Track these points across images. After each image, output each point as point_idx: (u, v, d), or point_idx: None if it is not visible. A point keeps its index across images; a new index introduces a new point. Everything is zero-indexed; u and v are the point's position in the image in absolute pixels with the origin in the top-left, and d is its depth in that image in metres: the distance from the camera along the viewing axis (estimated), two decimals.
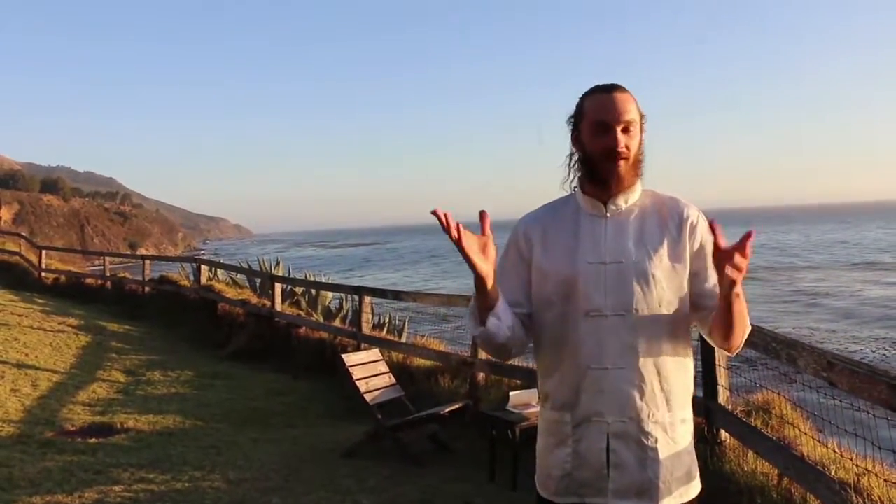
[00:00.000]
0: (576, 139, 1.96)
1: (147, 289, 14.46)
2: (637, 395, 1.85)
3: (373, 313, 10.89)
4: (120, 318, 13.03)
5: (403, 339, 9.07)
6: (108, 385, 8.29)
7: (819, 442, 3.87)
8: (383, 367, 6.17)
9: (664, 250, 1.89)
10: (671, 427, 1.89)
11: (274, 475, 5.20)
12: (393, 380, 6.14)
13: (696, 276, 1.92)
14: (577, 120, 1.96)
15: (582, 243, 1.92)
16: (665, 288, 1.87)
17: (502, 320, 1.87)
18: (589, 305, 1.87)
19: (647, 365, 1.86)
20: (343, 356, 5.96)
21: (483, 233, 1.77)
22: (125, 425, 6.47)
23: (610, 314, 1.85)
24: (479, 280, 1.79)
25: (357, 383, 5.69)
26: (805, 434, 3.93)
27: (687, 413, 1.95)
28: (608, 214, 1.93)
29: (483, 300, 1.84)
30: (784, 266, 42.82)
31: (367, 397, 5.67)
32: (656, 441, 1.86)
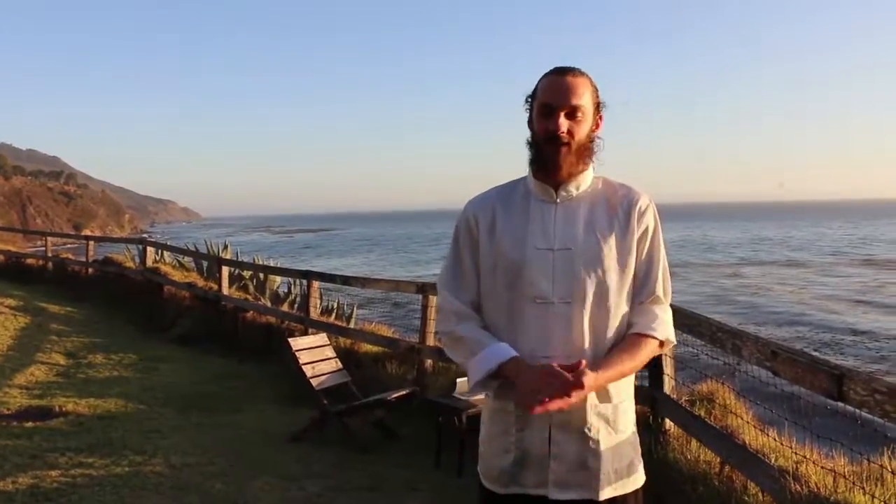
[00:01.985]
0: (530, 120, 1.93)
1: (90, 270, 14.12)
2: None
3: (321, 299, 10.81)
4: (61, 300, 12.70)
5: (352, 325, 9.01)
6: (48, 368, 8.08)
7: (760, 431, 3.94)
8: (330, 352, 6.11)
9: (613, 238, 1.87)
10: (613, 418, 1.88)
11: (218, 460, 5.11)
12: (340, 365, 6.08)
13: (635, 263, 1.91)
14: (532, 101, 1.92)
15: (531, 228, 1.89)
16: (613, 277, 1.85)
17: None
18: (535, 292, 1.84)
19: (592, 354, 1.83)
20: (289, 339, 5.89)
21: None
22: (64, 409, 6.29)
23: (557, 301, 1.83)
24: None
25: (303, 367, 5.62)
26: (747, 423, 4.00)
27: (629, 404, 1.94)
28: (558, 200, 1.91)
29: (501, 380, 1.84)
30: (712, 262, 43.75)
31: (313, 382, 5.60)
32: (598, 432, 1.85)
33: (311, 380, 5.61)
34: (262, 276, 12.17)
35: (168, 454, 5.16)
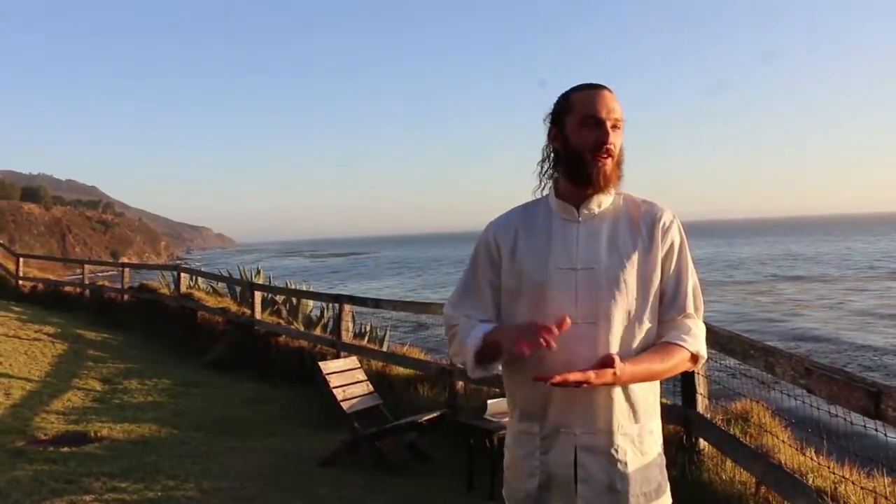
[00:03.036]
0: (555, 136, 1.91)
1: (126, 297, 14.30)
2: (606, 407, 1.79)
3: (354, 322, 10.83)
4: (98, 327, 12.86)
5: (384, 348, 9.00)
6: (84, 393, 8.16)
7: (797, 450, 3.86)
8: (361, 375, 6.11)
9: (636, 257, 1.84)
10: (639, 439, 1.84)
11: (249, 484, 5.12)
12: (371, 388, 6.08)
13: (662, 281, 1.87)
14: (561, 115, 1.90)
15: (553, 248, 1.87)
16: (637, 295, 1.82)
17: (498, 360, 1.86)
18: (558, 312, 1.78)
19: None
20: (320, 364, 5.89)
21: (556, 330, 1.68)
22: (99, 434, 6.36)
23: (580, 322, 1.79)
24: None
25: (334, 391, 5.62)
26: (783, 442, 3.92)
27: (655, 424, 1.90)
28: (580, 219, 1.88)
29: (496, 356, 1.83)
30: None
31: (345, 405, 5.60)
32: (625, 454, 1.81)
33: (341, 403, 5.61)
34: (294, 300, 12.25)
35: (200, 479, 5.18)
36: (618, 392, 1.80)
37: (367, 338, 10.52)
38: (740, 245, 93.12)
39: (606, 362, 1.66)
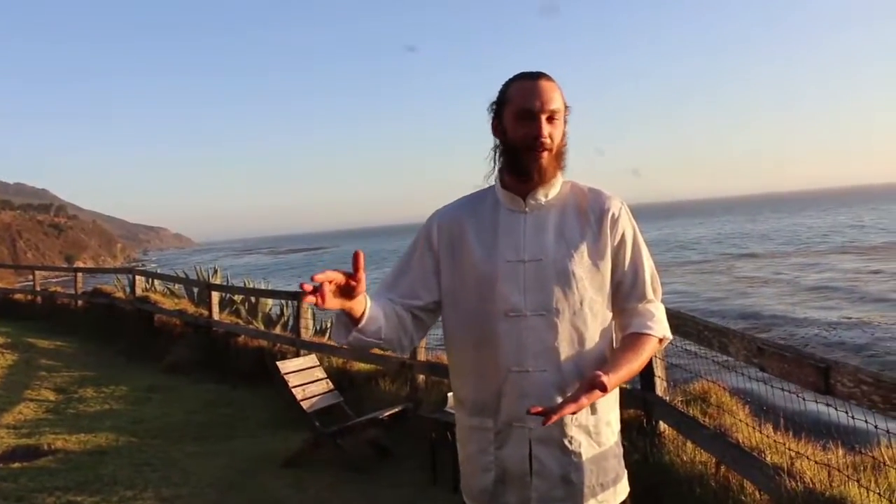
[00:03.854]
0: (496, 127, 1.87)
1: (80, 302, 14.01)
2: (559, 399, 1.74)
3: (314, 319, 10.72)
4: (51, 334, 12.59)
5: None
6: (36, 405, 7.96)
7: (755, 428, 3.90)
8: (320, 373, 6.04)
9: (585, 246, 1.81)
10: (595, 430, 1.82)
11: (210, 490, 5.04)
12: (331, 385, 6.01)
13: (613, 272, 1.85)
14: (500, 107, 1.86)
15: (500, 240, 1.83)
16: (587, 286, 1.80)
17: (370, 325, 1.72)
18: (507, 305, 1.78)
19: (569, 366, 1.77)
20: (278, 363, 5.81)
21: (356, 273, 1.60)
22: (53, 446, 6.19)
23: (530, 314, 1.77)
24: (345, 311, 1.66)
25: (293, 391, 5.54)
26: (742, 421, 3.95)
27: (613, 415, 1.89)
28: (527, 209, 1.85)
29: (349, 317, 1.69)
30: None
31: (305, 404, 5.53)
32: (580, 445, 1.79)
33: (301, 402, 5.54)
34: (253, 299, 12.10)
35: (159, 487, 5.09)
36: (575, 382, 1.77)
37: (328, 334, 10.41)
38: (694, 225, 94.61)
39: (595, 383, 1.61)
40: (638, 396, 4.23)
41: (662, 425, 4.16)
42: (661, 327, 1.85)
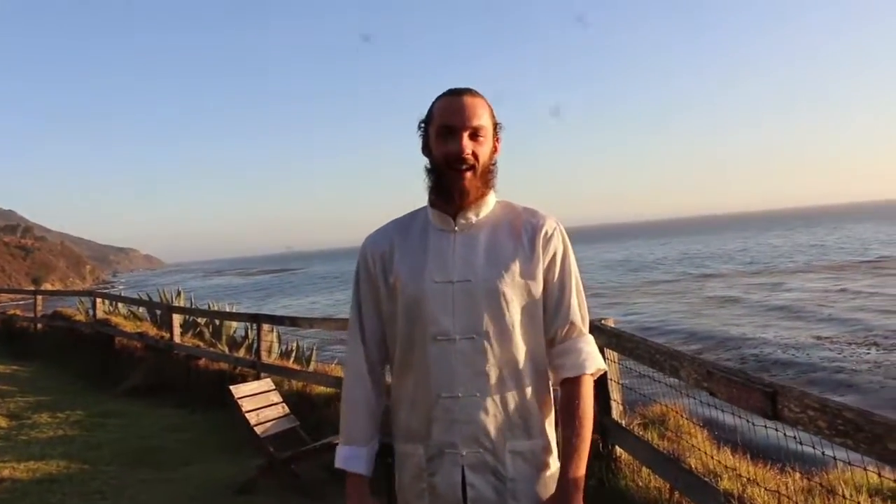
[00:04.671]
0: (425, 145, 1.82)
1: (39, 326, 13.73)
2: (491, 424, 1.71)
3: (279, 341, 10.58)
4: (7, 358, 12.33)
5: (311, 368, 8.80)
6: None
7: (711, 453, 3.87)
8: (276, 397, 5.92)
9: (516, 267, 1.75)
10: (533, 455, 1.76)
11: None
12: (286, 410, 5.89)
13: (544, 292, 1.80)
14: (427, 125, 1.82)
15: (429, 261, 1.77)
16: (518, 308, 1.74)
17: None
18: (436, 328, 1.72)
19: (501, 391, 1.72)
20: (231, 388, 5.68)
21: None
22: (0, 475, 5.99)
23: (459, 337, 1.71)
24: None
25: (247, 415, 5.42)
26: (697, 446, 3.91)
27: (550, 439, 1.82)
28: (457, 229, 1.79)
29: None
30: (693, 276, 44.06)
31: (259, 429, 5.41)
32: (515, 471, 1.73)
33: (255, 427, 5.41)
34: (217, 321, 11.94)
35: None
36: (508, 407, 1.73)
37: (292, 357, 10.29)
38: (658, 245, 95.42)
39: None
40: (594, 420, 4.17)
41: (618, 450, 4.11)
42: (593, 362, 1.80)
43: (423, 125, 1.84)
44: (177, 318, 10.28)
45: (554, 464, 1.81)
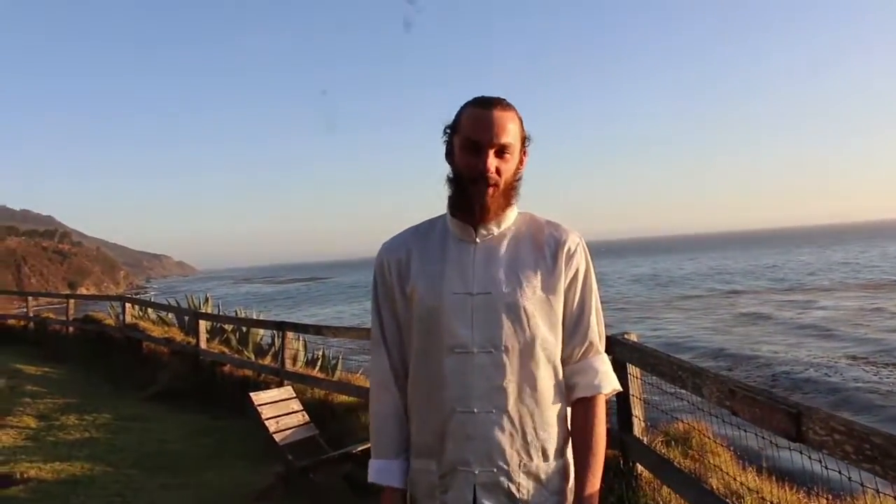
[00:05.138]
0: (448, 153, 1.77)
1: (71, 329, 13.91)
2: (507, 442, 1.66)
3: (306, 350, 10.59)
4: (39, 361, 12.48)
5: (336, 377, 8.80)
6: (17, 432, 7.81)
7: (734, 474, 3.77)
8: (296, 405, 5.90)
9: (538, 281, 1.70)
10: (547, 477, 1.70)
11: None
12: (307, 418, 5.87)
13: (564, 309, 1.74)
14: (453, 133, 1.75)
15: (448, 271, 1.72)
16: (538, 323, 1.69)
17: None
18: (454, 341, 1.67)
19: (518, 408, 1.66)
20: (251, 394, 5.68)
21: None
22: (26, 475, 6.04)
23: (477, 351, 1.66)
24: None
25: (266, 423, 5.42)
26: (720, 466, 3.82)
27: (568, 461, 1.76)
28: (478, 240, 1.74)
29: None
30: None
31: (277, 437, 5.39)
32: (528, 493, 1.67)
33: (274, 435, 5.41)
34: (244, 328, 11.99)
35: None
36: (524, 425, 1.68)
37: (318, 366, 10.29)
38: (686, 260, 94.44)
39: None
40: (615, 436, 4.09)
41: (639, 467, 4.02)
42: (608, 382, 1.76)
43: (448, 132, 1.78)
44: (203, 325, 10.35)
45: (567, 485, 1.76)
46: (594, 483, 1.69)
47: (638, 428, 4.06)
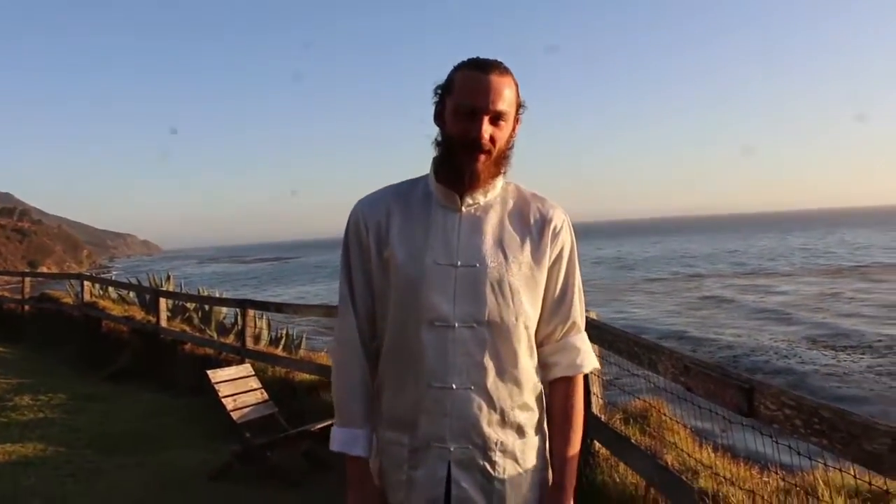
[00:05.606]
0: (438, 115, 1.68)
1: (26, 308, 13.63)
2: (484, 420, 1.62)
3: (269, 329, 10.52)
4: None
5: (300, 355, 8.74)
6: None
7: (695, 449, 3.81)
8: (255, 383, 5.83)
9: (524, 257, 1.65)
10: (523, 456, 1.67)
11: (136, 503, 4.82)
12: (265, 396, 5.81)
13: (546, 286, 1.70)
14: (444, 94, 1.66)
15: (430, 238, 1.65)
16: (523, 299, 1.64)
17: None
18: (433, 314, 1.61)
19: (498, 386, 1.62)
20: (209, 372, 5.60)
21: None
22: None
23: (458, 325, 1.60)
24: None
25: (224, 401, 5.35)
26: (677, 444, 3.84)
27: (541, 439, 1.72)
28: (463, 209, 1.66)
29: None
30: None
31: (235, 415, 5.33)
32: (504, 471, 1.64)
33: (232, 413, 5.34)
34: (207, 307, 11.86)
35: (80, 501, 4.86)
36: (503, 403, 1.64)
37: (281, 345, 10.22)
38: (651, 244, 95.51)
39: None
40: None
41: (597, 444, 4.03)
42: (589, 361, 1.75)
43: (439, 92, 1.68)
44: (164, 303, 10.20)
45: (543, 462, 1.73)
46: (571, 472, 1.69)
47: (596, 405, 4.07)
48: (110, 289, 13.69)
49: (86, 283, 12.50)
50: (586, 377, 4.06)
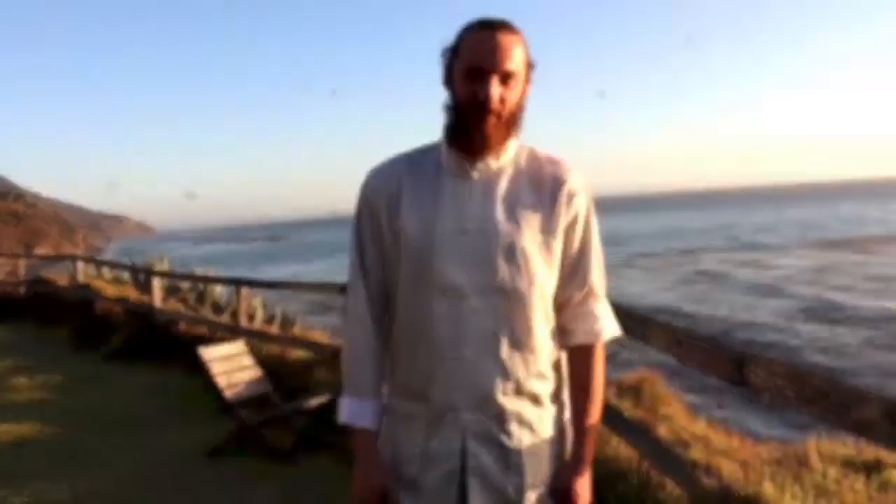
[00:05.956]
0: (448, 79, 1.63)
1: (21, 290, 13.60)
2: (499, 390, 1.58)
3: (264, 308, 10.52)
4: None
5: (295, 332, 8.75)
6: None
7: (688, 421, 3.81)
8: (248, 361, 5.81)
9: (537, 221, 1.60)
10: (540, 425, 1.63)
11: (128, 484, 4.84)
12: (260, 373, 5.79)
13: (563, 251, 1.65)
14: (452, 57, 1.61)
15: (441, 206, 1.61)
16: (537, 266, 1.59)
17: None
18: (445, 282, 1.57)
19: (512, 354, 1.58)
20: (200, 349, 5.56)
21: None
22: None
23: (470, 293, 1.57)
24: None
25: (216, 378, 5.33)
26: (671, 416, 3.86)
27: (559, 409, 1.69)
28: (475, 174, 1.62)
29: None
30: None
31: (228, 393, 5.32)
32: (521, 441, 1.61)
33: (225, 391, 5.33)
34: (202, 286, 11.85)
35: (77, 480, 4.88)
36: (517, 373, 1.60)
37: (276, 322, 10.23)
38: (645, 220, 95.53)
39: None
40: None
41: None
42: (609, 329, 1.70)
43: (448, 54, 1.63)
44: (158, 283, 10.18)
45: (563, 438, 1.70)
46: (590, 443, 1.65)
47: None
48: (104, 269, 13.67)
49: (80, 264, 12.45)
50: None
